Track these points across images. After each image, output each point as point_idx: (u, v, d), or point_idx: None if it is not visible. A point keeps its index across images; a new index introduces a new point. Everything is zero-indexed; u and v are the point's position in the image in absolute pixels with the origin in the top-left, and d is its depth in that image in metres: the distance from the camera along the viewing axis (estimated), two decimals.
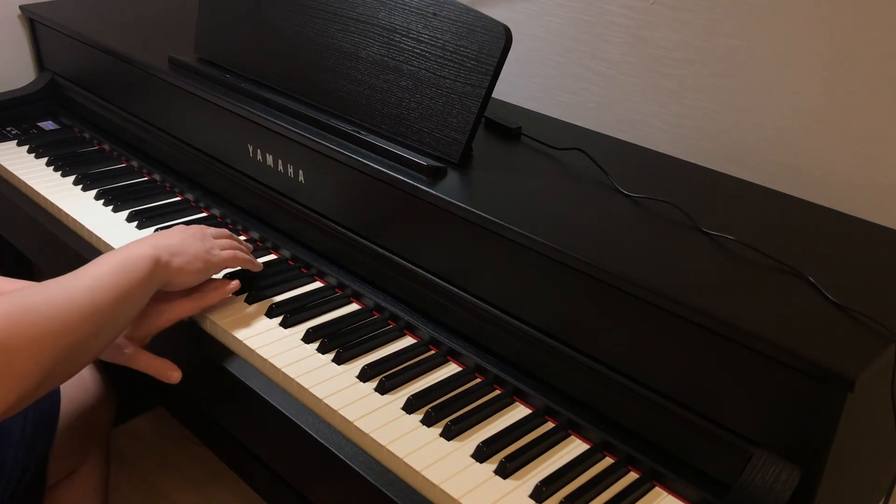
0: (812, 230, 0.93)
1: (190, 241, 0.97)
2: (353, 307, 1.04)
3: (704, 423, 0.76)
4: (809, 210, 0.98)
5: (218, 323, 0.98)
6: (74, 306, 0.79)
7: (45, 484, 1.14)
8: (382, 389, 0.89)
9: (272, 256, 1.15)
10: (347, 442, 0.84)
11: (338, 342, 0.95)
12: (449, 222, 0.93)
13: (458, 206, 0.91)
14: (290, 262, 1.12)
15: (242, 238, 1.19)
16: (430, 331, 0.97)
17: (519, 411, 0.88)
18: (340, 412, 0.85)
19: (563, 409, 0.86)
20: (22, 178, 1.34)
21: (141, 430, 1.86)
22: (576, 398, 0.87)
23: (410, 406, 0.86)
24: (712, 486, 0.77)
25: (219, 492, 1.70)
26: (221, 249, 1.01)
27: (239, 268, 1.04)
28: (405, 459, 0.80)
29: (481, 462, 0.80)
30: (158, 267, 0.90)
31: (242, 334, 0.96)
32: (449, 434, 0.83)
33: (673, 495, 0.79)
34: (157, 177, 1.36)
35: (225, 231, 1.07)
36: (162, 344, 0.98)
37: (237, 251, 1.02)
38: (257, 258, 1.13)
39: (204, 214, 1.25)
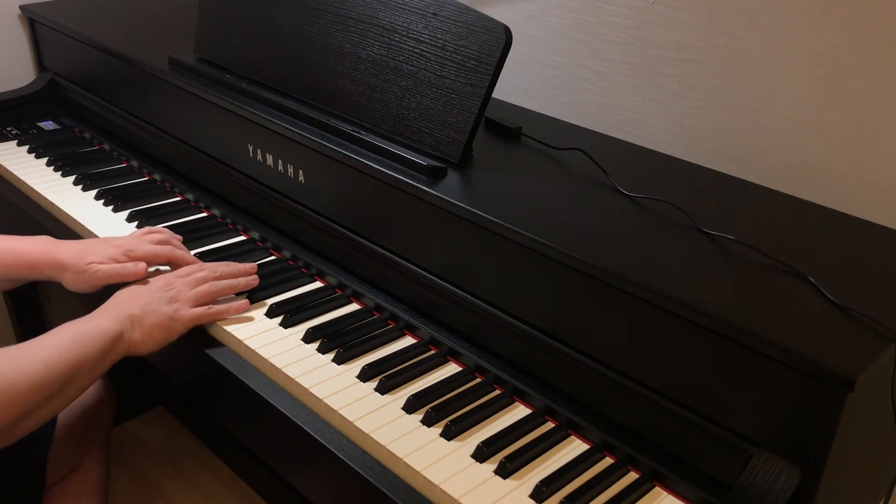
0: (812, 230, 0.93)
1: (156, 305, 0.95)
2: (353, 307, 1.04)
3: (704, 423, 0.76)
4: (809, 210, 0.98)
5: (218, 323, 0.98)
6: (28, 383, 0.81)
7: (44, 483, 1.14)
8: (382, 389, 0.89)
9: (272, 256, 1.15)
10: (347, 442, 0.84)
11: (338, 342, 0.95)
12: (449, 222, 0.93)
13: (459, 206, 0.91)
14: (290, 262, 1.12)
15: (242, 238, 1.19)
16: (430, 331, 0.97)
17: (519, 411, 0.88)
18: (340, 412, 0.85)
19: (563, 409, 0.86)
20: (22, 178, 1.34)
21: (141, 429, 1.86)
22: (576, 398, 0.87)
23: (410, 406, 0.86)
24: (712, 486, 0.77)
25: (218, 491, 1.70)
26: (195, 304, 0.97)
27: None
28: (405, 459, 0.80)
29: (481, 462, 0.80)
30: (119, 342, 0.91)
31: (242, 334, 0.96)
32: (449, 434, 0.83)
33: (673, 495, 0.79)
34: (157, 177, 1.36)
35: (206, 276, 1.01)
36: None
37: (207, 311, 0.97)
38: (257, 259, 1.13)
39: (204, 214, 1.25)
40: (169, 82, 1.28)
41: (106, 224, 1.20)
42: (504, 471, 0.79)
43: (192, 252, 1.13)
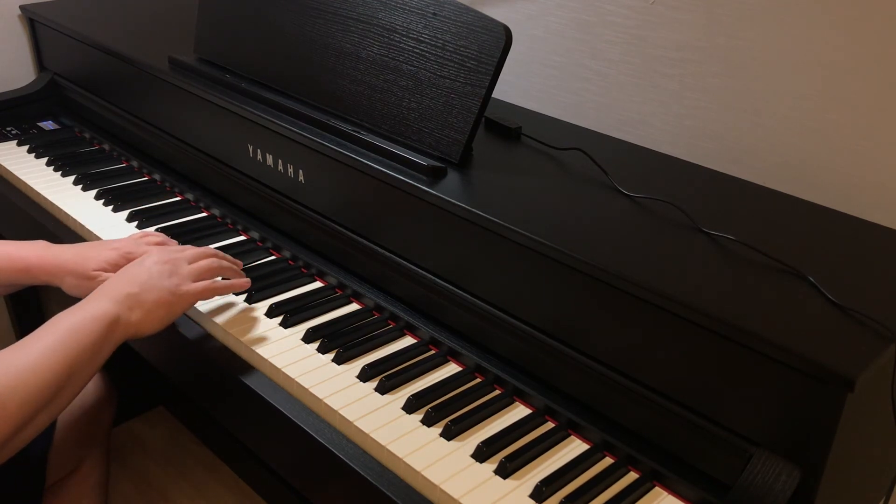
0: (812, 230, 0.93)
1: (156, 281, 0.90)
2: (353, 307, 1.04)
3: (704, 423, 0.76)
4: (809, 210, 0.98)
5: (218, 323, 0.98)
6: (19, 396, 0.77)
7: (44, 483, 1.14)
8: (382, 389, 0.89)
9: (272, 256, 1.15)
10: (347, 442, 0.84)
11: (338, 342, 0.95)
12: (449, 222, 0.93)
13: (459, 206, 0.91)
14: (290, 262, 1.12)
15: (242, 238, 1.19)
16: (430, 331, 0.97)
17: (519, 411, 0.88)
18: (340, 412, 0.85)
19: (563, 409, 0.86)
20: (22, 178, 1.34)
21: (141, 429, 1.86)
22: (576, 398, 0.87)
23: (410, 406, 0.86)
24: (712, 486, 0.77)
25: (219, 491, 1.70)
26: (196, 279, 0.94)
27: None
28: (405, 459, 0.80)
29: (481, 462, 0.80)
30: (116, 326, 0.86)
31: (242, 334, 0.96)
32: (449, 434, 0.83)
33: (673, 495, 0.79)
34: (157, 177, 1.36)
35: (205, 251, 0.99)
36: (162, 343, 0.99)
37: (210, 285, 0.95)
38: (257, 259, 1.13)
39: (204, 214, 1.25)
40: (169, 82, 1.28)
41: (106, 224, 1.21)
42: (504, 471, 0.79)
43: None
